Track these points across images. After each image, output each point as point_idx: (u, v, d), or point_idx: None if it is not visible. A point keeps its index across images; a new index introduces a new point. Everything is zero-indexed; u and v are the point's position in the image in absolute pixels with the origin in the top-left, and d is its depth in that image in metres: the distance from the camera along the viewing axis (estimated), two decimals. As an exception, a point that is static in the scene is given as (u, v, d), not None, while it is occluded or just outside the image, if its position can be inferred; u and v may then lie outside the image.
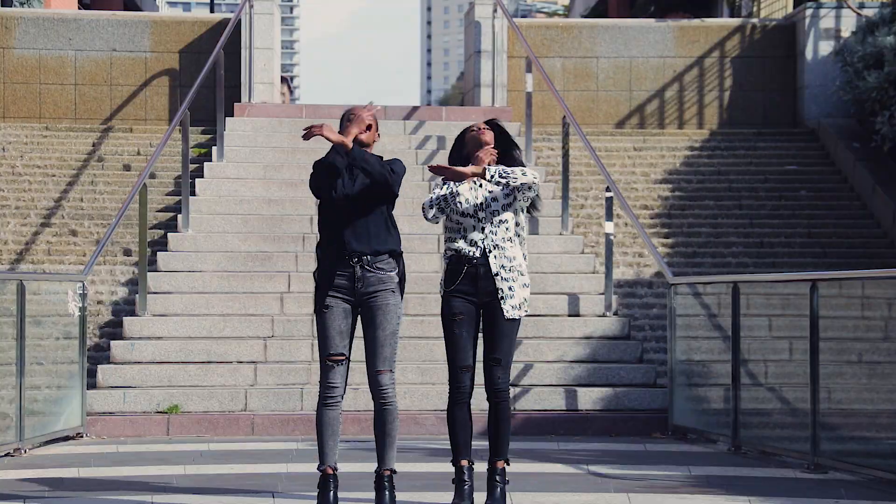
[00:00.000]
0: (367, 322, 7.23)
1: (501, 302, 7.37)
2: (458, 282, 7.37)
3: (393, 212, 7.42)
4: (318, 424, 7.23)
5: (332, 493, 7.19)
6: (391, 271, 7.26)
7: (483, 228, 7.41)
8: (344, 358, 7.22)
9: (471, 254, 7.38)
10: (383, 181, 7.17)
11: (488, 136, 7.56)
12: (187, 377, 11.48)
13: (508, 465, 7.48)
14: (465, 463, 7.37)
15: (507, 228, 7.44)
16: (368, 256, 7.20)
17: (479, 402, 7.67)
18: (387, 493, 7.19)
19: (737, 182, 15.36)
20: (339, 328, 7.22)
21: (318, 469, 7.27)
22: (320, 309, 7.24)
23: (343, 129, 7.32)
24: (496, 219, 7.43)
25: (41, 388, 10.47)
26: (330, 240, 7.28)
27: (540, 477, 8.68)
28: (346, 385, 7.26)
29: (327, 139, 7.20)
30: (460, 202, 7.41)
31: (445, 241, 7.52)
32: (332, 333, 7.21)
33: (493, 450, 7.43)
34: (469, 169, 7.38)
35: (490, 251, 7.38)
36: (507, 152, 7.60)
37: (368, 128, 7.36)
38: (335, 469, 7.25)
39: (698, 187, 15.26)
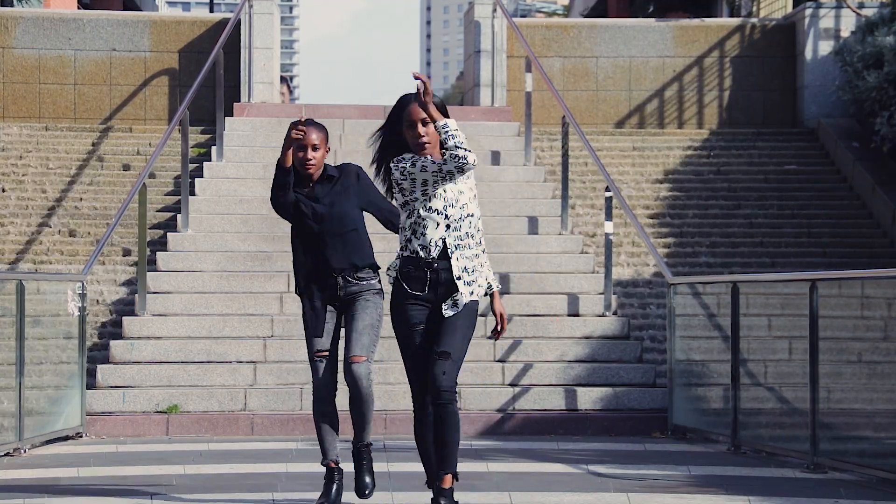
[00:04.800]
0: (347, 318, 7.34)
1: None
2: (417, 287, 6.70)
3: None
4: (315, 423, 7.36)
5: (334, 485, 7.28)
6: (372, 280, 7.38)
7: (447, 227, 6.68)
8: (329, 354, 7.30)
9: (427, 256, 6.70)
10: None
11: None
12: (187, 377, 11.48)
13: (457, 480, 6.68)
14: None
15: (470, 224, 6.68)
16: (349, 270, 7.33)
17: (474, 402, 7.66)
18: (364, 462, 7.29)
19: (736, 182, 15.36)
20: (324, 328, 7.33)
21: (321, 464, 7.37)
22: (306, 311, 7.39)
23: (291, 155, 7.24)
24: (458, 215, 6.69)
25: (41, 387, 10.46)
26: (307, 254, 7.40)
27: (540, 477, 8.68)
28: (336, 380, 7.32)
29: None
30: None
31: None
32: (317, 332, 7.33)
33: (437, 461, 6.66)
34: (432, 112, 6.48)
35: (451, 252, 6.69)
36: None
37: (315, 148, 7.28)
38: (338, 463, 7.34)
39: (698, 187, 15.26)
